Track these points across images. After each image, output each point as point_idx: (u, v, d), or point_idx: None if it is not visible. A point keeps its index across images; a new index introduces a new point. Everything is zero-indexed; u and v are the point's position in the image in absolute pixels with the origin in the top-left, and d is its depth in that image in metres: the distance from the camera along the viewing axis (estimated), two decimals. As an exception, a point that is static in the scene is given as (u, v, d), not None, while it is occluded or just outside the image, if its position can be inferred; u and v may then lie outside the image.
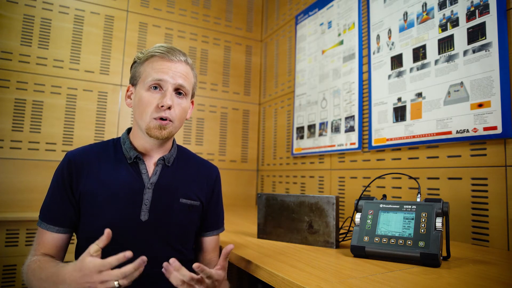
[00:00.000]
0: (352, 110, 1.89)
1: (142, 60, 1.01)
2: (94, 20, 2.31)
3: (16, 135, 2.05)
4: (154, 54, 0.99)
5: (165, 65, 0.98)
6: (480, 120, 1.28)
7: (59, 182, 0.98)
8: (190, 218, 1.07)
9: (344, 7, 2.03)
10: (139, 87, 1.00)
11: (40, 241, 0.96)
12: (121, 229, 0.96)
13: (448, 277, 0.80)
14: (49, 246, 0.96)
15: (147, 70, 0.98)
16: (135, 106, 1.01)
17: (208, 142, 2.66)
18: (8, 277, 1.81)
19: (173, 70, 0.98)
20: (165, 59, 0.98)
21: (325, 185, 2.07)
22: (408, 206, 0.98)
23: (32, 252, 0.96)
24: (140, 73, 1.00)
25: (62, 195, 0.97)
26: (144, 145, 1.03)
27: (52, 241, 0.97)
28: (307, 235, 1.17)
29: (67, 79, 2.20)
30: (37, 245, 0.96)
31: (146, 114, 0.97)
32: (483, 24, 1.29)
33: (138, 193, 1.00)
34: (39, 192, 2.05)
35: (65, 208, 0.97)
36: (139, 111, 0.98)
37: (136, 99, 1.00)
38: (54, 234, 0.96)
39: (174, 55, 0.99)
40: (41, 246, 0.96)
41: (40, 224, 0.97)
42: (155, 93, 0.97)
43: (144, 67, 1.00)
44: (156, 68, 0.97)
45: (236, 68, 2.83)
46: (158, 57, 0.99)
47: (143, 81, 0.98)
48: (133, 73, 1.04)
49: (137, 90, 1.00)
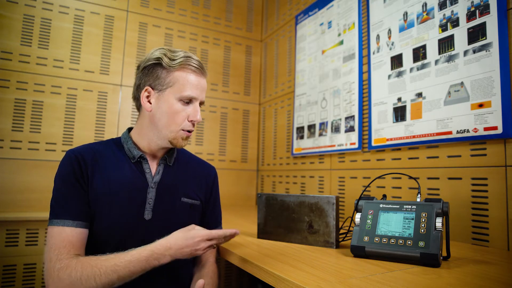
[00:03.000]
0: (352, 110, 1.89)
1: (174, 67, 0.99)
2: (94, 20, 2.31)
3: (16, 135, 2.04)
4: (188, 67, 1.00)
5: (198, 82, 1.02)
6: (480, 120, 1.28)
7: (70, 176, 0.94)
8: (191, 217, 1.09)
9: (344, 7, 2.03)
10: (169, 95, 0.99)
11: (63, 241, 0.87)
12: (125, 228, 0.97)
13: (448, 277, 0.80)
14: (74, 243, 0.88)
15: (182, 82, 0.99)
16: (162, 113, 1.00)
17: (208, 142, 2.66)
18: (8, 277, 1.81)
19: (202, 86, 1.03)
20: (196, 74, 1.02)
21: (325, 185, 2.07)
22: (408, 206, 0.98)
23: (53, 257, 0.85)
24: (171, 81, 0.99)
25: (76, 187, 0.93)
26: (150, 146, 1.05)
27: (76, 236, 0.89)
28: (307, 235, 1.17)
29: (67, 79, 2.20)
30: (62, 248, 0.86)
31: (177, 125, 1.00)
32: (484, 24, 1.29)
33: (142, 192, 1.01)
34: (39, 192, 2.05)
35: (81, 201, 0.93)
36: (168, 120, 1.00)
37: (164, 107, 1.00)
38: (76, 229, 0.90)
39: (203, 71, 1.04)
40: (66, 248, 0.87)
41: (56, 223, 0.89)
42: (186, 106, 1.01)
43: (176, 77, 0.99)
44: (193, 84, 1.00)
45: (236, 68, 2.83)
46: (191, 70, 1.01)
47: (177, 92, 0.99)
48: (157, 77, 1.00)
49: (166, 98, 0.99)
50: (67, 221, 0.90)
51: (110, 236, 0.96)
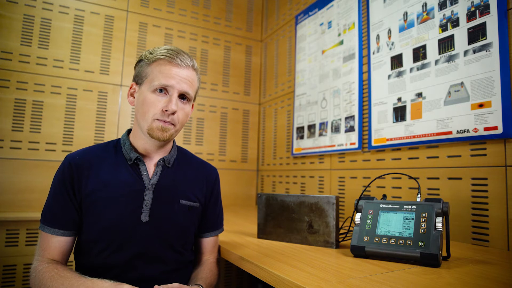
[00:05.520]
0: (352, 110, 1.89)
1: (150, 60, 1.00)
2: (94, 20, 2.31)
3: (16, 135, 2.05)
4: (162, 57, 0.98)
5: (172, 70, 0.98)
6: (480, 120, 1.28)
7: (61, 185, 0.97)
8: (189, 219, 1.07)
9: (344, 7, 2.03)
10: (145, 88, 0.99)
11: (46, 246, 0.95)
12: (122, 230, 0.96)
13: (448, 277, 0.80)
14: (55, 250, 0.95)
15: (154, 72, 0.98)
16: (138, 105, 1.00)
17: (208, 142, 2.66)
18: (8, 277, 1.81)
19: (180, 76, 0.99)
20: (173, 64, 0.98)
21: (325, 185, 2.07)
22: (408, 206, 0.98)
23: (37, 258, 0.94)
24: (147, 73, 0.99)
25: (64, 197, 0.96)
26: (144, 146, 1.03)
27: (58, 244, 0.96)
28: (307, 235, 1.17)
29: (67, 79, 2.20)
30: (43, 250, 0.95)
31: (149, 115, 0.97)
32: (484, 24, 1.29)
33: (138, 194, 1.00)
34: (39, 192, 2.05)
35: (68, 211, 0.96)
36: (142, 111, 0.98)
37: (140, 99, 1.00)
38: (60, 237, 0.96)
39: (182, 60, 0.99)
40: (47, 251, 0.95)
41: (43, 228, 0.96)
42: (160, 96, 0.98)
43: (151, 69, 0.99)
44: (164, 73, 0.97)
45: (236, 68, 2.83)
46: (166, 60, 0.98)
47: (150, 83, 0.98)
48: (138, 72, 1.03)
49: (142, 90, 1.00)
50: (53, 229, 0.95)
51: (107, 238, 0.96)
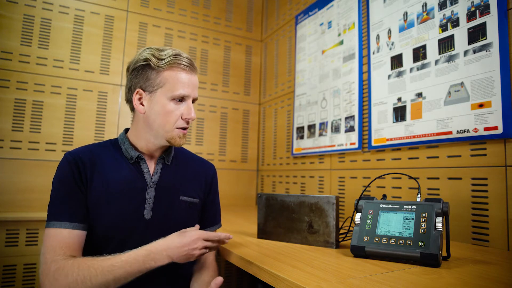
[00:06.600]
0: (352, 110, 1.89)
1: (162, 67, 0.98)
2: (94, 20, 2.31)
3: (16, 135, 2.04)
4: (178, 66, 0.99)
5: (189, 80, 1.00)
6: (480, 120, 1.27)
7: (69, 179, 0.94)
8: (190, 215, 1.10)
9: (344, 7, 2.03)
10: (161, 96, 0.98)
11: (60, 243, 0.87)
12: (125, 228, 0.97)
13: (448, 277, 0.80)
14: (74, 245, 0.89)
15: (171, 81, 0.98)
16: (155, 114, 0.99)
17: (208, 142, 2.66)
18: (8, 277, 1.81)
19: (193, 83, 1.02)
20: (187, 72, 1.00)
21: (325, 185, 2.06)
22: (408, 206, 0.98)
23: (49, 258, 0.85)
24: (161, 81, 0.98)
25: (73, 189, 0.94)
26: (148, 146, 1.05)
27: (73, 238, 0.89)
28: (307, 235, 1.17)
29: (67, 79, 2.20)
30: (59, 248, 0.86)
31: (171, 124, 1.00)
32: (484, 24, 1.29)
33: (141, 192, 1.01)
34: (39, 192, 2.05)
35: (78, 202, 0.94)
36: (162, 120, 0.99)
37: (156, 108, 0.99)
38: (73, 231, 0.90)
39: (193, 68, 1.02)
40: (63, 249, 0.86)
41: (53, 224, 0.89)
42: (177, 104, 1.00)
43: (165, 77, 0.98)
44: (184, 83, 0.99)
45: (236, 68, 2.83)
46: (182, 69, 0.99)
47: (168, 92, 0.98)
48: (147, 78, 0.99)
49: (158, 99, 0.99)
50: (65, 223, 0.90)
51: (110, 236, 0.96)
